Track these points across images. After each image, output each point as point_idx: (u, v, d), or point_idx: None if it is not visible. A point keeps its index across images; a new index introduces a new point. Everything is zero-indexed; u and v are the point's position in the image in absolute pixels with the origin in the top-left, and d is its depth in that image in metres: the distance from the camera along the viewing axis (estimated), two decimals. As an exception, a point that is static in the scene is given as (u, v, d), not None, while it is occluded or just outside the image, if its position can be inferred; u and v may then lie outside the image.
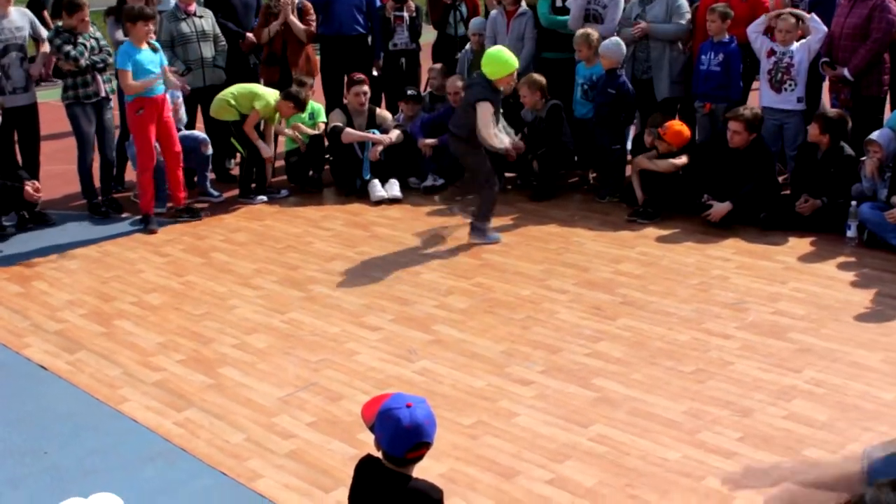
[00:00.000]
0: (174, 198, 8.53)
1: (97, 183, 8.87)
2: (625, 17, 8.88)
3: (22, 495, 4.50)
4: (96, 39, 8.53)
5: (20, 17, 8.53)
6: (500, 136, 7.52)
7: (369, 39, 10.21)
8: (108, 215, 8.70)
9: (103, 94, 8.54)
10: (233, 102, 8.76)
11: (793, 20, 8.05)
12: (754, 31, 8.24)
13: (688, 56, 8.85)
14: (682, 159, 8.03)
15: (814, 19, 8.06)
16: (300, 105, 8.91)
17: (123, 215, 8.74)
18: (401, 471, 3.08)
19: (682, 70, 8.76)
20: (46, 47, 8.95)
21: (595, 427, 4.89)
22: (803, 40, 8.11)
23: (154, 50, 8.13)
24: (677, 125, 8.16)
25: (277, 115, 8.98)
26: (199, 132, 9.25)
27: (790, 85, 8.11)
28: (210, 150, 9.09)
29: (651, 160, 8.10)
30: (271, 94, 8.86)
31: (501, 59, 7.30)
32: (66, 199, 9.33)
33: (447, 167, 9.14)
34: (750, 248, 7.34)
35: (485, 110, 7.25)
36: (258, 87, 9.01)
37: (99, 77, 8.47)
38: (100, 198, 8.85)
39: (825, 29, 8.01)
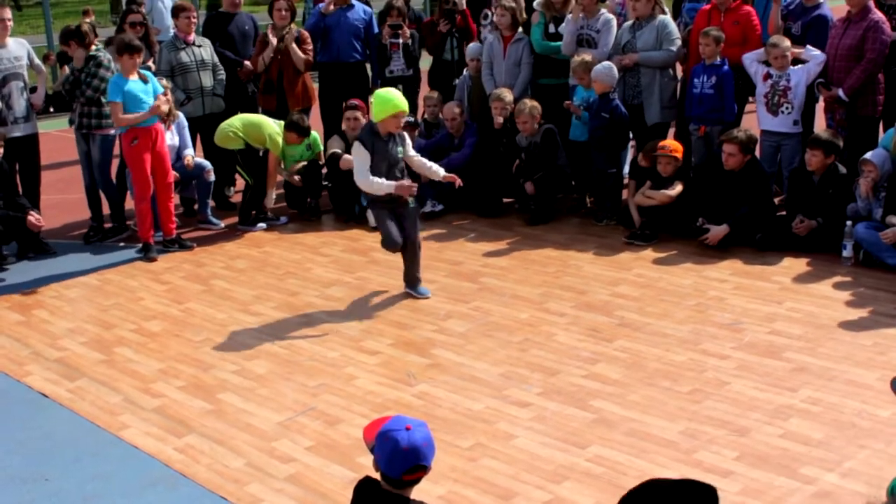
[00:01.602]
0: (164, 229, 8.55)
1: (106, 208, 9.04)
2: (615, 43, 8.93)
3: (23, 522, 4.53)
4: (89, 73, 8.51)
5: (18, 47, 8.59)
6: (376, 181, 6.84)
7: (368, 67, 10.29)
8: (90, 241, 8.79)
9: (74, 124, 8.74)
10: (240, 134, 8.81)
11: (786, 43, 8.14)
12: (750, 58, 8.32)
13: (679, 80, 8.91)
14: (678, 188, 8.06)
15: (809, 50, 8.15)
16: (304, 132, 9.02)
17: (121, 244, 8.79)
18: (398, 493, 3.11)
19: (673, 95, 8.83)
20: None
21: (592, 448, 4.91)
22: (801, 65, 8.19)
23: (144, 81, 8.18)
24: (671, 141, 8.37)
25: (283, 148, 9.05)
26: (201, 159, 9.30)
27: (787, 108, 8.18)
28: (213, 177, 9.13)
29: (646, 194, 8.14)
30: (277, 127, 8.93)
31: (383, 99, 6.85)
32: (66, 228, 9.39)
33: (446, 193, 9.19)
34: (746, 269, 7.37)
35: (355, 152, 6.90)
36: (264, 119, 9.06)
37: (75, 107, 8.67)
38: (105, 225, 8.99)
39: (823, 56, 8.09)
